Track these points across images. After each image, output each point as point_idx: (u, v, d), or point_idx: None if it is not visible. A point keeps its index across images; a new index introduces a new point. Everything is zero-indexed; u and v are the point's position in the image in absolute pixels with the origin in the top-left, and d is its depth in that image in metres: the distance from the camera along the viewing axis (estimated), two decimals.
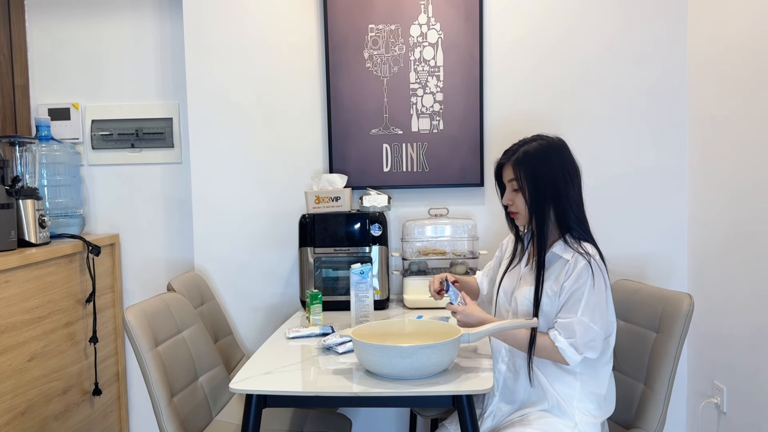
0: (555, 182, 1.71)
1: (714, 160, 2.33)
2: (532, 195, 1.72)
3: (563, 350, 1.63)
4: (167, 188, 2.79)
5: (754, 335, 2.09)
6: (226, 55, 2.61)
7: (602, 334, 1.65)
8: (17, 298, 2.08)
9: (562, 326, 1.65)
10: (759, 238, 2.05)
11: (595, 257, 1.67)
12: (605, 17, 2.51)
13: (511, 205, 1.78)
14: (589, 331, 1.63)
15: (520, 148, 1.76)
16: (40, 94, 2.79)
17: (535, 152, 1.73)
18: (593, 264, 1.65)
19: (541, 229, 1.72)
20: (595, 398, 1.72)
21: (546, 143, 1.75)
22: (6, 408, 2.01)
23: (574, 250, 1.68)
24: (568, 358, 1.64)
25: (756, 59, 2.05)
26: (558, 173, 1.72)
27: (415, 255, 2.49)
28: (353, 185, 2.57)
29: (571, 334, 1.63)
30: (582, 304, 1.63)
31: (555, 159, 1.73)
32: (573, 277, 1.65)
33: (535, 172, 1.71)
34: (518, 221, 1.80)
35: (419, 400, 1.59)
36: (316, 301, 2.12)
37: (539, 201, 1.71)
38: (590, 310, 1.63)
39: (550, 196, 1.71)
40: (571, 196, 1.72)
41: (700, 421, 2.43)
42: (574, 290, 1.65)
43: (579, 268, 1.65)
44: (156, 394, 1.70)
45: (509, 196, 1.78)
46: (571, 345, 1.63)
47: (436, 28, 2.53)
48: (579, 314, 1.63)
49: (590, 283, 1.64)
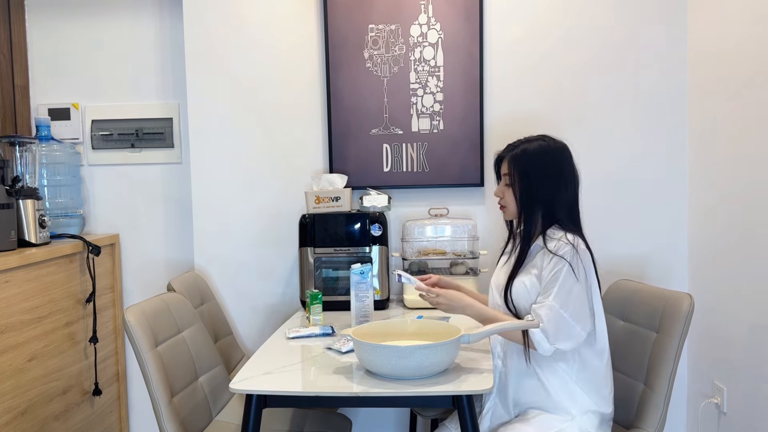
0: (546, 184, 1.73)
1: (714, 160, 2.33)
2: (521, 193, 1.75)
3: (533, 333, 1.64)
4: (167, 188, 2.79)
5: (754, 335, 2.09)
6: (226, 55, 2.61)
7: (576, 325, 1.64)
8: (17, 298, 2.08)
9: (534, 310, 1.67)
10: (759, 237, 2.05)
11: (578, 246, 1.67)
12: (605, 17, 2.51)
13: (501, 198, 1.83)
14: (558, 317, 1.63)
15: (521, 145, 1.79)
16: (40, 94, 2.79)
17: (533, 152, 1.75)
18: (571, 251, 1.66)
19: (528, 226, 1.75)
20: (591, 390, 1.71)
21: (546, 145, 1.76)
22: (6, 408, 2.01)
23: (557, 238, 1.69)
24: (537, 343, 1.64)
25: (756, 59, 2.05)
26: (551, 176, 1.73)
27: (415, 255, 2.49)
28: (353, 185, 2.57)
29: (539, 318, 1.64)
30: (555, 290, 1.64)
31: (551, 162, 1.75)
32: (551, 264, 1.67)
33: (528, 172, 1.74)
34: (505, 215, 1.84)
35: (419, 400, 1.59)
36: (316, 301, 2.12)
37: (528, 200, 1.74)
38: (563, 297, 1.64)
39: (539, 197, 1.73)
40: (562, 200, 1.74)
41: (700, 421, 2.43)
42: (551, 275, 1.66)
43: (558, 254, 1.66)
44: (156, 394, 1.70)
45: (501, 188, 1.83)
46: (541, 330, 1.63)
47: (437, 28, 2.53)
48: (551, 299, 1.64)
49: (566, 270, 1.64)
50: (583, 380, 1.71)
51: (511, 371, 1.77)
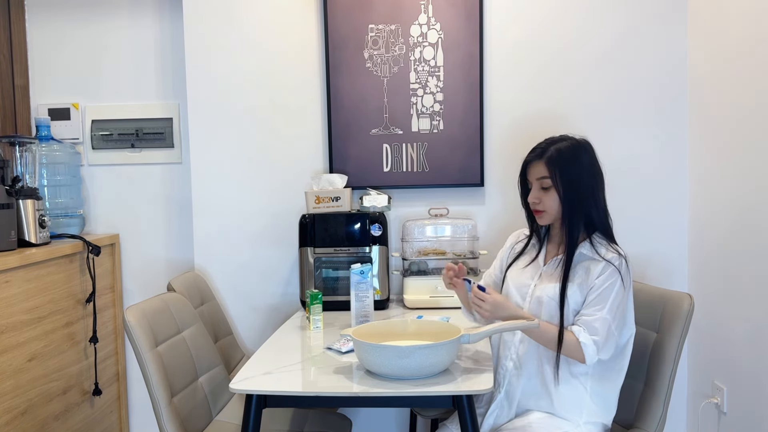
0: (589, 182, 1.71)
1: (714, 160, 2.33)
2: (566, 194, 1.70)
3: (585, 345, 1.62)
4: (167, 188, 2.79)
5: (754, 335, 2.09)
6: (226, 55, 2.61)
7: (618, 336, 1.66)
8: (17, 298, 2.08)
9: (585, 323, 1.64)
10: (759, 238, 2.05)
11: (627, 258, 1.67)
12: (605, 17, 2.51)
13: (537, 203, 1.74)
14: (609, 330, 1.63)
15: (550, 146, 1.73)
16: (40, 94, 2.79)
17: (567, 151, 1.72)
18: (624, 264, 1.66)
19: (572, 228, 1.70)
20: (602, 403, 1.71)
21: (576, 143, 1.74)
22: (6, 408, 2.01)
23: (607, 250, 1.68)
24: (588, 355, 1.62)
25: (756, 59, 2.05)
26: (590, 173, 1.72)
27: (415, 255, 2.49)
28: (353, 185, 2.57)
29: (594, 331, 1.63)
30: (609, 303, 1.63)
31: (586, 159, 1.73)
32: (605, 275, 1.65)
33: (569, 171, 1.70)
34: (543, 220, 1.76)
35: (419, 400, 1.59)
36: (316, 301, 2.12)
37: (573, 200, 1.70)
38: (614, 310, 1.64)
39: (584, 196, 1.70)
40: (600, 197, 1.73)
41: (700, 421, 2.43)
42: (603, 288, 1.64)
43: (612, 267, 1.65)
44: (156, 394, 1.70)
45: (537, 194, 1.74)
46: (594, 342, 1.62)
47: (437, 27, 2.53)
48: (605, 312, 1.63)
49: (620, 283, 1.64)
50: (596, 393, 1.71)
51: (522, 375, 1.76)
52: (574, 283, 1.69)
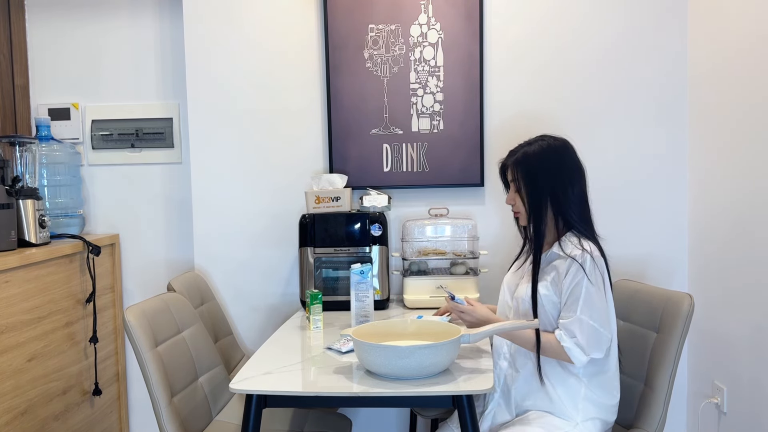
0: (551, 182, 1.73)
1: (714, 159, 2.33)
2: (529, 194, 1.75)
3: (569, 350, 1.64)
4: (167, 188, 2.79)
5: (754, 335, 2.09)
6: (226, 55, 2.61)
7: (604, 331, 1.66)
8: (17, 298, 2.08)
9: (564, 326, 1.66)
10: (759, 238, 2.05)
11: (592, 253, 1.67)
12: (605, 17, 2.51)
13: (513, 205, 1.82)
14: (589, 328, 1.64)
15: (521, 148, 1.80)
16: (40, 94, 2.79)
17: (533, 153, 1.76)
18: (588, 259, 1.66)
19: (538, 228, 1.74)
20: (599, 400, 1.71)
21: (546, 144, 1.77)
22: (6, 408, 2.01)
23: (573, 246, 1.69)
24: (575, 358, 1.64)
25: (757, 59, 2.05)
26: (555, 173, 1.73)
27: (415, 255, 2.49)
28: (353, 185, 2.57)
29: (572, 334, 1.65)
30: (580, 303, 1.65)
31: (553, 159, 1.75)
32: (570, 273, 1.67)
33: (531, 172, 1.75)
34: (521, 221, 1.82)
35: (419, 400, 1.59)
36: (316, 301, 2.12)
37: (536, 200, 1.74)
38: (588, 307, 1.64)
39: (546, 196, 1.73)
40: (570, 196, 1.73)
41: (700, 421, 2.43)
42: (572, 288, 1.66)
43: (576, 264, 1.66)
44: (156, 394, 1.70)
45: (511, 195, 1.82)
46: (576, 345, 1.64)
47: (437, 27, 2.52)
48: (578, 312, 1.65)
49: (586, 280, 1.65)
50: (593, 391, 1.71)
51: (517, 374, 1.77)
52: (546, 282, 1.71)
